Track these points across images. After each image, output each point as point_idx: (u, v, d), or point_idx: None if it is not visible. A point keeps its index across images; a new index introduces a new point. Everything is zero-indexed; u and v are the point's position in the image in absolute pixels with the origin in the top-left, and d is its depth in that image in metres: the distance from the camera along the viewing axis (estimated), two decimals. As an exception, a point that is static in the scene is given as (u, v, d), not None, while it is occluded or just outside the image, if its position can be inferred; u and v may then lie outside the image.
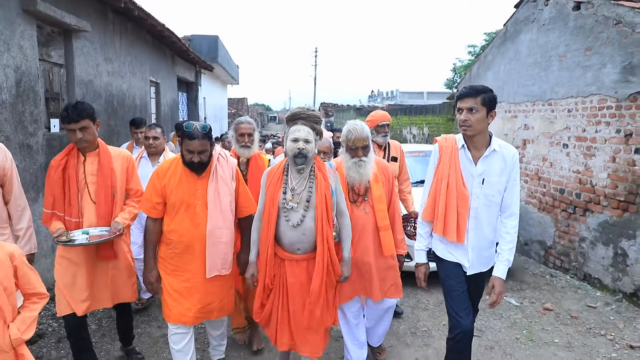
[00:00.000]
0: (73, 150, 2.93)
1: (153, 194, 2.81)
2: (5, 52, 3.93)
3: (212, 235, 2.83)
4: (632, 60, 4.25)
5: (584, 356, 3.52)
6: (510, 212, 2.60)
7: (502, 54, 6.58)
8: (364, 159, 2.98)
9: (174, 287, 2.85)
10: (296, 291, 2.68)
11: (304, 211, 2.64)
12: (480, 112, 2.44)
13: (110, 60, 6.52)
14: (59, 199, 2.89)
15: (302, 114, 2.67)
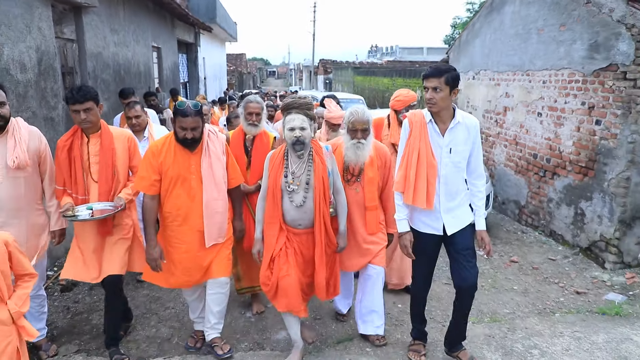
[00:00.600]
0: (77, 132, 3.09)
1: (150, 172, 2.95)
2: (27, 34, 4.34)
3: (208, 207, 3.02)
4: (598, 39, 4.65)
5: (536, 300, 4.15)
6: (477, 174, 2.90)
7: (489, 23, 6.91)
8: (362, 141, 3.16)
9: (175, 258, 3.06)
10: (302, 261, 2.96)
11: (304, 192, 2.89)
12: (444, 91, 2.67)
13: (115, 31, 6.87)
14: (67, 177, 3.08)
15: (295, 104, 2.91)
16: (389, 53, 43.37)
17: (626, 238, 4.50)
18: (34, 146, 3.00)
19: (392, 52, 42.64)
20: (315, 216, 2.90)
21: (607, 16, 4.50)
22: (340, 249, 3.09)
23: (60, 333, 3.52)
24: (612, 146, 4.51)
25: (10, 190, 2.90)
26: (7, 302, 2.13)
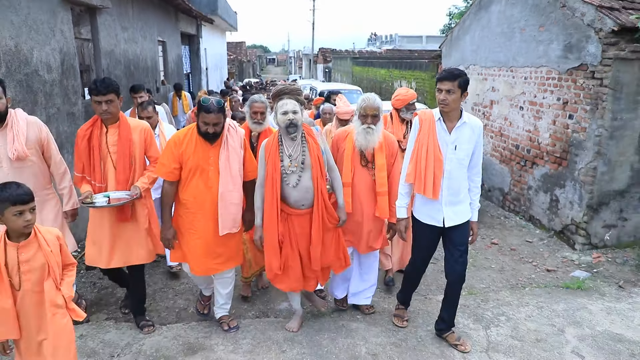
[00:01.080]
0: (97, 122, 3.22)
1: (171, 160, 3.10)
2: (52, 37, 4.78)
3: (224, 198, 3.13)
4: (571, 40, 5.09)
5: (510, 277, 4.65)
6: (476, 170, 3.15)
7: (478, 20, 7.32)
8: (372, 126, 3.34)
9: (189, 244, 3.23)
10: (305, 240, 3.19)
11: (300, 172, 3.09)
12: (456, 93, 2.89)
13: (125, 29, 7.28)
14: (85, 165, 3.22)
15: (286, 90, 3.11)
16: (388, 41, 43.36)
17: (593, 222, 4.99)
18: (34, 136, 3.10)
19: (391, 40, 42.62)
20: (315, 193, 3.11)
21: (579, 20, 4.94)
22: (342, 221, 3.29)
23: (89, 305, 3.98)
24: (582, 139, 4.98)
25: (16, 180, 3.00)
26: (60, 288, 2.38)
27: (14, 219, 2.22)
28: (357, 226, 3.48)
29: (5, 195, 2.22)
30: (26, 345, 2.37)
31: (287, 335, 3.37)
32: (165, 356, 3.12)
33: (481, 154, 3.16)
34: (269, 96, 3.71)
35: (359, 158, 3.46)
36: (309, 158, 3.13)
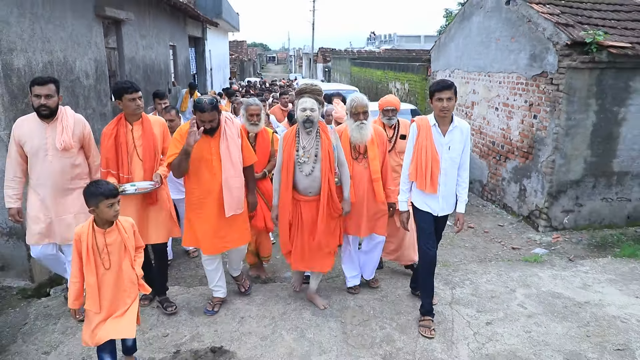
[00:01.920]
0: (121, 120, 3.57)
1: (178, 150, 3.40)
2: (88, 49, 5.58)
3: (227, 183, 3.46)
4: (535, 51, 5.89)
5: (480, 254, 5.45)
6: (464, 167, 3.51)
7: (461, 29, 8.11)
8: (364, 121, 3.72)
9: (198, 226, 3.55)
10: (310, 224, 3.58)
11: (313, 163, 3.47)
12: (453, 100, 3.30)
13: (144, 37, 8.09)
14: (112, 160, 3.53)
15: (308, 89, 3.51)
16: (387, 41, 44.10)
17: (553, 207, 5.80)
18: (79, 131, 3.50)
19: (390, 40, 43.37)
20: (322, 182, 3.48)
21: (541, 34, 5.74)
22: (346, 212, 3.69)
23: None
24: (544, 136, 5.78)
25: (59, 167, 3.42)
26: (134, 267, 2.78)
27: (107, 210, 2.59)
28: (359, 212, 3.84)
29: (100, 190, 2.59)
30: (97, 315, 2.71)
31: (291, 293, 4.18)
32: (194, 307, 3.93)
33: (468, 152, 3.53)
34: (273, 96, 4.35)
35: (352, 152, 3.84)
36: (320, 151, 3.51)
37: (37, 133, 3.36)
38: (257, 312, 3.85)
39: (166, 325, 3.64)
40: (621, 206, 5.89)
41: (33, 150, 3.37)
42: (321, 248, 3.66)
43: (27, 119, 3.41)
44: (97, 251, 2.64)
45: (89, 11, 5.62)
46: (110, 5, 6.18)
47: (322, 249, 3.67)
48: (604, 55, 5.20)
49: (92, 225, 2.65)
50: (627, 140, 5.63)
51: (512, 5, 6.39)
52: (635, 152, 5.69)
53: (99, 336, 2.68)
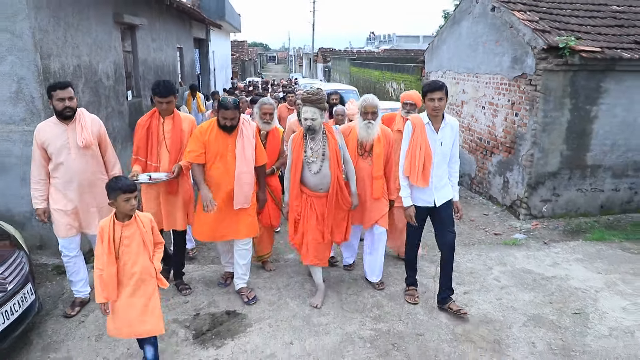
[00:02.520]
0: (155, 114, 3.90)
1: (198, 146, 3.71)
2: (109, 52, 6.13)
3: (239, 178, 3.74)
4: (516, 54, 6.44)
5: (465, 239, 5.97)
6: (454, 160, 3.78)
7: (452, 33, 8.66)
8: (372, 121, 3.98)
9: (209, 217, 3.80)
10: (317, 218, 3.82)
11: (320, 162, 3.73)
12: (444, 100, 3.55)
13: (154, 40, 8.63)
14: (142, 148, 3.87)
15: (309, 99, 3.71)
16: (386, 41, 44.61)
17: (533, 197, 6.35)
18: (96, 130, 3.74)
19: (389, 40, 43.88)
20: (332, 180, 3.75)
21: (522, 38, 6.29)
22: (354, 206, 3.98)
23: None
24: (524, 132, 6.34)
25: (82, 164, 3.65)
26: (153, 261, 2.89)
27: (124, 204, 2.73)
28: (362, 205, 4.13)
29: (119, 185, 2.75)
30: (119, 306, 2.84)
31: (294, 269, 4.73)
32: (209, 280, 4.48)
33: (458, 146, 3.82)
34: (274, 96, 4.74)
35: (358, 148, 4.09)
36: (328, 151, 3.77)
37: (58, 135, 3.58)
38: (264, 284, 4.39)
39: (186, 295, 4.18)
40: (595, 196, 6.44)
41: (56, 151, 3.58)
42: (329, 240, 3.93)
43: (47, 123, 3.64)
44: (114, 244, 2.78)
45: (109, 18, 6.17)
46: (127, 12, 6.73)
47: (325, 241, 3.91)
48: (576, 58, 5.75)
49: (113, 219, 2.82)
50: (599, 136, 6.19)
51: (497, 12, 6.94)
52: (606, 147, 6.24)
53: (126, 333, 2.88)
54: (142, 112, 7.14)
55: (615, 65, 5.91)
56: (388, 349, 3.41)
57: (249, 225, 3.97)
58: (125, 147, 6.56)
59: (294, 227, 3.98)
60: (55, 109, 3.57)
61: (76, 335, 3.56)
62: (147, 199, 3.99)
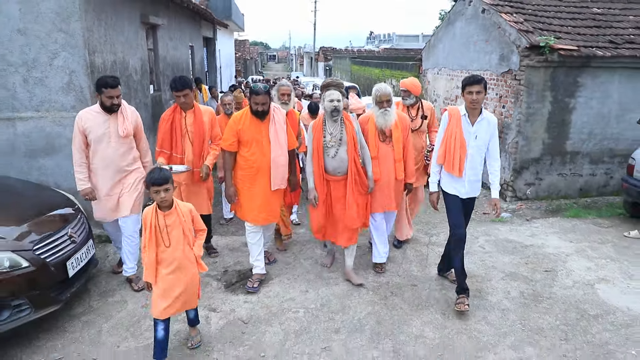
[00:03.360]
0: (177, 108, 4.22)
1: (231, 135, 3.94)
2: (137, 50, 6.81)
3: (275, 161, 3.96)
4: (503, 52, 7.13)
5: (456, 217, 6.67)
6: (494, 157, 3.82)
7: (447, 33, 9.35)
8: (388, 109, 4.12)
9: (250, 200, 4.02)
10: (341, 201, 4.04)
11: (338, 147, 3.94)
12: (482, 94, 3.56)
13: (171, 39, 9.31)
14: (166, 141, 4.20)
15: (333, 83, 4.08)
16: (386, 40, 45.30)
17: (518, 181, 7.05)
18: (134, 120, 4.03)
19: (389, 39, 44.59)
20: (349, 163, 3.98)
21: (508, 38, 6.98)
22: (371, 189, 4.12)
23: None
24: (510, 122, 7.03)
25: (119, 152, 3.92)
26: (192, 248, 3.07)
27: (154, 195, 2.91)
28: (385, 188, 4.28)
29: (148, 178, 2.93)
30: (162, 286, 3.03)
31: (308, 239, 5.42)
32: (232, 247, 5.17)
33: (497, 144, 3.82)
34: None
35: (380, 135, 4.23)
36: (345, 136, 3.98)
37: (100, 123, 3.84)
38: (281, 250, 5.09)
39: (215, 257, 4.88)
40: (574, 180, 7.14)
41: (97, 138, 3.83)
42: (349, 223, 4.09)
43: (89, 112, 3.87)
44: (158, 231, 2.95)
45: (136, 19, 6.85)
46: (151, 13, 7.42)
47: (350, 224, 4.10)
48: (555, 56, 6.44)
49: (155, 208, 2.99)
50: (577, 125, 6.88)
51: (487, 13, 7.64)
52: (584, 136, 6.94)
53: (166, 310, 3.02)
54: (161, 105, 7.88)
55: (590, 62, 6.60)
56: (387, 295, 4.11)
57: (278, 209, 4.32)
58: (148, 137, 7.17)
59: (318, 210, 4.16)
60: (103, 104, 3.84)
61: (126, 286, 4.24)
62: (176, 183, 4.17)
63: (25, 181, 4.60)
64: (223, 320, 3.69)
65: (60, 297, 3.44)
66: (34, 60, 4.83)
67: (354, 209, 4.04)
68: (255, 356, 3.23)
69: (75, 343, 3.37)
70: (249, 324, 3.61)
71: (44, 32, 4.77)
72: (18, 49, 4.79)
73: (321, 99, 4.11)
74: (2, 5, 4.66)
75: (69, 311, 3.75)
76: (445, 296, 4.12)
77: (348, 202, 4.03)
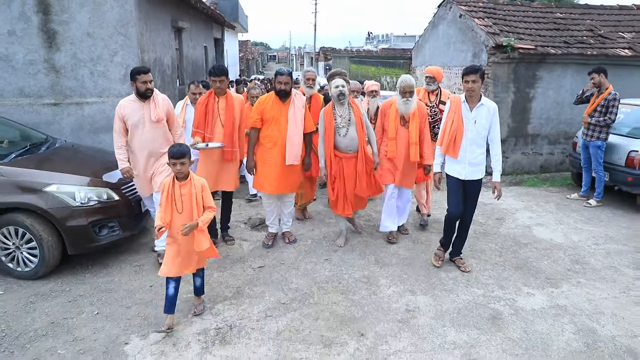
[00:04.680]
0: (212, 94, 4.52)
1: (256, 114, 4.44)
2: (169, 49, 8.16)
3: (290, 139, 4.41)
4: (475, 51, 8.48)
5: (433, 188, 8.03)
6: (495, 142, 4.04)
7: (432, 35, 10.70)
8: (410, 98, 4.54)
9: (265, 171, 4.54)
10: (350, 176, 4.52)
11: (348, 127, 4.43)
12: (478, 82, 3.82)
13: (191, 40, 10.67)
14: (201, 122, 4.50)
15: (337, 73, 4.80)
16: (384, 40, 46.60)
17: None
18: (166, 107, 4.31)
19: (387, 39, 45.90)
20: (359, 141, 4.48)
21: (479, 39, 8.33)
22: (377, 164, 4.64)
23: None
24: (481, 109, 8.37)
25: (152, 135, 4.22)
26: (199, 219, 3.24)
27: (172, 167, 3.22)
28: (396, 165, 4.78)
29: (169, 151, 3.22)
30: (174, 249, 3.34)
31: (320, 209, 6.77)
32: (254, 204, 6.50)
33: (498, 130, 4.06)
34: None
35: (400, 120, 4.69)
36: (353, 117, 4.50)
37: (136, 110, 4.18)
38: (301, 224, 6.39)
39: (236, 213, 6.21)
40: (535, 158, 8.49)
41: (134, 124, 4.18)
42: (360, 193, 4.62)
43: (127, 100, 4.23)
44: (173, 198, 3.27)
45: (168, 23, 8.20)
46: (178, 18, 8.77)
47: (361, 193, 4.64)
48: (516, 54, 7.79)
49: (173, 179, 3.29)
50: (537, 112, 8.23)
51: (463, 18, 8.99)
52: (542, 120, 8.29)
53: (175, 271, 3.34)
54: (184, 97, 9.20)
55: (546, 58, 7.96)
56: (373, 232, 5.44)
57: (295, 183, 4.79)
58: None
59: (331, 187, 4.68)
60: (138, 90, 4.14)
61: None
62: (206, 163, 4.61)
63: (96, 147, 5.92)
64: (252, 245, 5.02)
65: (137, 226, 4.77)
66: (98, 57, 6.20)
67: (364, 180, 4.61)
68: (277, 264, 4.57)
69: (149, 258, 4.71)
70: (271, 249, 4.93)
71: (107, 35, 6.13)
72: (87, 48, 6.15)
73: (329, 87, 4.73)
74: (76, 14, 6.02)
75: (138, 240, 5.10)
76: (419, 235, 5.44)
77: (359, 174, 4.55)
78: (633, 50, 8.14)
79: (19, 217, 4.03)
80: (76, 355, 3.14)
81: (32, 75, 6.15)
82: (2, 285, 4.07)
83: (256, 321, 3.56)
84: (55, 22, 6.01)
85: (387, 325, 3.53)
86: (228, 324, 3.51)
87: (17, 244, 4.12)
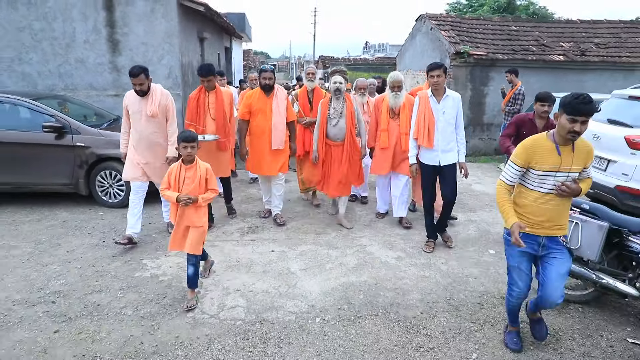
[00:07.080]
0: (202, 89, 4.92)
1: (245, 106, 5.00)
2: (196, 55, 10.19)
3: (275, 126, 4.99)
4: (441, 57, 10.52)
5: (409, 166, 10.03)
6: (460, 128, 4.43)
7: (412, 44, 12.76)
8: (398, 92, 4.94)
9: (256, 156, 5.10)
10: (337, 162, 5.03)
11: (339, 118, 4.96)
12: (442, 77, 4.19)
13: (210, 47, 12.71)
14: (193, 115, 4.90)
15: (337, 70, 5.07)
16: (380, 50, 48.73)
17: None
18: (163, 103, 4.49)
19: (383, 49, 48.02)
20: (346, 131, 4.98)
21: (444, 47, 10.37)
22: (363, 155, 5.15)
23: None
24: (446, 103, 10.38)
25: (148, 128, 4.48)
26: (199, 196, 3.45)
27: (183, 150, 3.39)
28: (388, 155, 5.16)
29: (180, 136, 3.40)
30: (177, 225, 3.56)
31: (309, 170, 8.75)
32: (265, 173, 8.47)
33: (462, 116, 4.45)
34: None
35: (390, 112, 5.04)
36: (345, 110, 4.96)
37: (136, 103, 4.47)
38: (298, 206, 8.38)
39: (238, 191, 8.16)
40: (490, 143, 10.50)
41: (134, 115, 4.49)
42: (341, 178, 5.09)
43: (131, 92, 4.50)
44: (178, 180, 3.44)
45: (195, 34, 10.24)
46: (202, 30, 10.84)
47: (344, 181, 5.11)
48: (471, 59, 9.84)
49: (180, 162, 3.47)
50: (490, 105, 10.26)
51: (433, 30, 11.06)
52: (495, 112, 10.31)
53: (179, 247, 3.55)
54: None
55: (496, 63, 10.01)
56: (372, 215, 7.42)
57: (282, 166, 5.29)
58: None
59: (321, 169, 5.18)
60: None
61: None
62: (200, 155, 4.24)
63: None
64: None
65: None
66: (149, 60, 8.23)
67: (346, 167, 5.08)
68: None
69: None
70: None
71: (157, 43, 8.17)
72: (141, 53, 8.19)
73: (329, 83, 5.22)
74: (134, 27, 8.07)
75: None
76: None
77: (342, 161, 5.05)
78: (566, 57, 10.20)
79: (113, 164, 6.02)
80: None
81: (99, 74, 8.18)
82: (103, 209, 6.07)
83: (272, 224, 5.52)
84: (119, 33, 8.06)
85: (356, 226, 5.52)
86: (255, 225, 5.50)
87: (110, 183, 6.10)
